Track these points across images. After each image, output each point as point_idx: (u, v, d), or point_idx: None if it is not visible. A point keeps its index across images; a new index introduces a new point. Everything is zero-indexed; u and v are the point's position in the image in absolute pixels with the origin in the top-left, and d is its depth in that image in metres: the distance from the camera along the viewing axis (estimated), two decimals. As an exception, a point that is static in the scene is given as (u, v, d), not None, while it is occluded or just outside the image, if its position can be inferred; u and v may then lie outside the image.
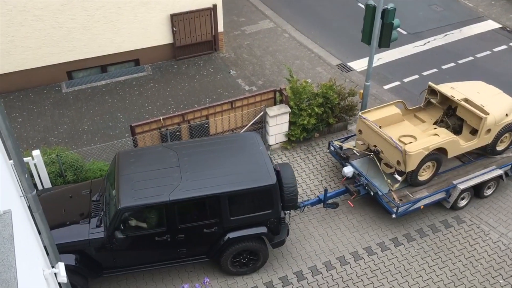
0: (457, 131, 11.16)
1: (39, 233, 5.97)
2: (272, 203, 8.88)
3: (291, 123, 12.29)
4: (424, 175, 10.49)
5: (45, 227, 6.01)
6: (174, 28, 14.97)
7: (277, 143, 12.52)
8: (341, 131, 13.09)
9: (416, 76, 15.25)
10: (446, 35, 17.05)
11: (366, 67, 12.31)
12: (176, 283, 9.47)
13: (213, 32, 15.58)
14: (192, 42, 15.45)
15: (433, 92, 11.44)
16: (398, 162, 10.05)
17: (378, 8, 10.74)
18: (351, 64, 15.73)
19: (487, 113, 10.40)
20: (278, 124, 12.15)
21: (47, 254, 6.22)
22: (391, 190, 10.32)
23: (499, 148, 11.12)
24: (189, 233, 8.83)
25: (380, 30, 11.11)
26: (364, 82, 12.29)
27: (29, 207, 5.69)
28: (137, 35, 14.74)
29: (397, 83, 15.03)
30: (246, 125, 12.12)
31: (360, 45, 12.82)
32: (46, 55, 14.04)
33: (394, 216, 10.07)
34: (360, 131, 10.91)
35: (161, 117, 11.20)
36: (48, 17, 13.48)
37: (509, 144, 11.20)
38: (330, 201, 10.70)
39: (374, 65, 12.59)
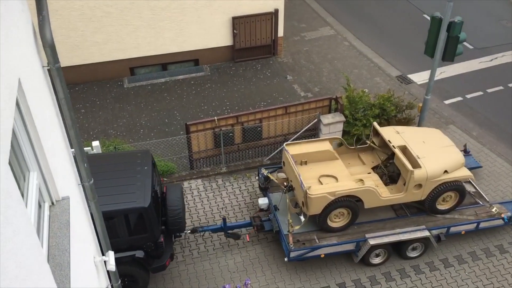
0: (394, 180, 9.96)
1: (93, 221, 6.21)
2: (146, 226, 8.39)
3: (344, 132, 12.11)
4: (337, 222, 9.48)
5: (99, 216, 6.24)
6: (235, 31, 15.16)
7: (329, 152, 12.37)
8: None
9: (480, 93, 14.62)
10: (515, 51, 16.24)
11: (427, 80, 11.92)
12: (218, 282, 9.56)
13: (273, 36, 15.65)
14: (252, 45, 15.59)
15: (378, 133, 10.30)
16: (303, 203, 9.20)
17: (444, 20, 10.40)
18: (412, 76, 15.31)
19: (418, 166, 9.21)
20: (332, 132, 12.01)
21: (99, 242, 6.46)
22: (288, 231, 9.33)
23: (441, 207, 9.84)
24: None
25: (444, 43, 10.75)
26: (424, 95, 11.93)
27: (85, 195, 5.92)
28: (198, 36, 15.06)
29: (459, 98, 14.47)
30: (299, 131, 12.07)
31: (422, 58, 12.46)
32: (112, 51, 14.62)
33: (286, 259, 9.27)
34: (283, 163, 10.17)
35: (215, 118, 11.36)
36: (116, 14, 14.03)
37: (455, 205, 9.88)
38: (234, 230, 10.13)
39: (436, 78, 12.19)
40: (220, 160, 12.00)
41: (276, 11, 15.20)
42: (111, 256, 6.16)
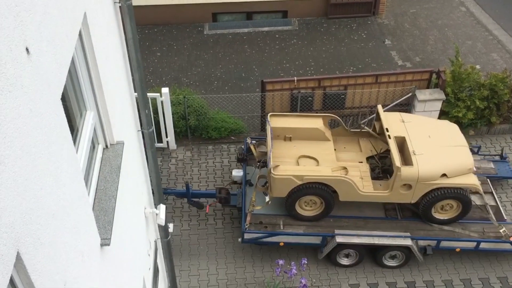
0: (390, 174, 9.12)
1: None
2: None
3: (442, 112, 11.61)
4: (308, 210, 9.16)
5: (155, 166, 6.59)
6: (332, -18, 14.83)
7: (420, 132, 11.96)
8: (503, 134, 12.02)
9: None
10: None
11: (554, 63, 11.02)
12: (273, 257, 9.79)
13: (376, -8, 15.14)
14: (350, 1, 15.17)
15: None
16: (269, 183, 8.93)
17: None
18: (537, 57, 14.20)
19: (409, 164, 8.49)
20: (427, 111, 11.55)
21: (153, 194, 6.85)
22: (248, 210, 9.22)
23: (438, 216, 9.10)
24: None
25: None
26: (547, 81, 11.06)
27: (144, 143, 6.26)
28: (291, -16, 14.92)
29: None
30: (388, 104, 11.73)
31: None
32: (195, -8, 14.92)
33: (239, 240, 9.34)
34: (266, 135, 9.76)
35: (295, 78, 11.34)
36: (205, -48, 14.22)
37: (456, 216, 9.07)
38: (199, 199, 10.21)
39: None
40: (295, 126, 12.04)
41: (384, -37, 14.62)
42: (162, 209, 6.52)
